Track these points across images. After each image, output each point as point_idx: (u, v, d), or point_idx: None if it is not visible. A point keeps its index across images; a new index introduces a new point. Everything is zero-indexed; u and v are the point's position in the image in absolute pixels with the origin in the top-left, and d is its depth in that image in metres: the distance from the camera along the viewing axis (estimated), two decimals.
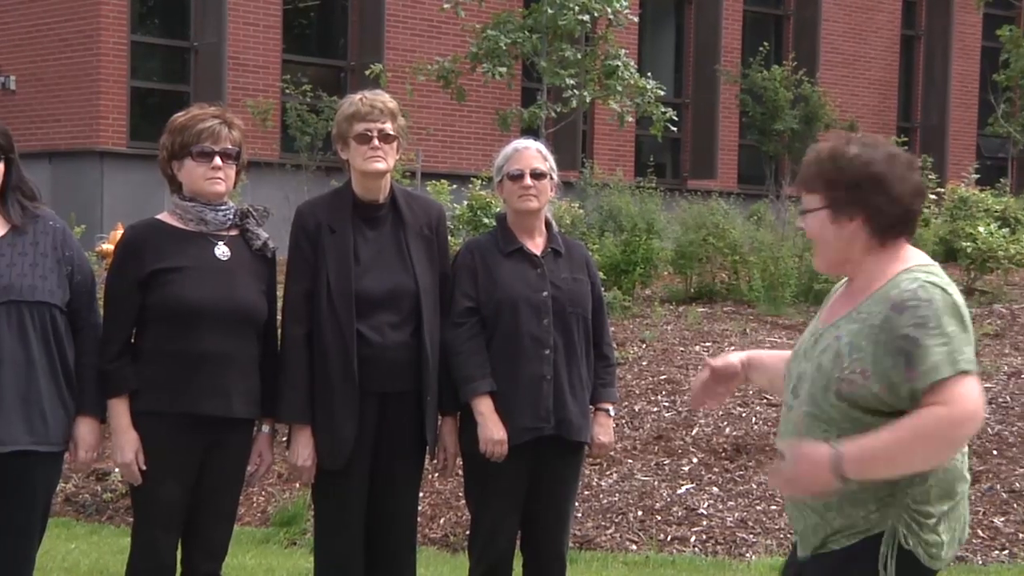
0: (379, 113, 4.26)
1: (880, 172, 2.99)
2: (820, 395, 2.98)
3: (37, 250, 3.88)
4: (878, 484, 2.92)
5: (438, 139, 15.81)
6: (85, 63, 14.45)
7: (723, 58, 18.47)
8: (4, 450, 3.73)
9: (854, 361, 2.93)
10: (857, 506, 2.95)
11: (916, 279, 2.94)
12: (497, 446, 4.34)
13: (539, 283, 4.45)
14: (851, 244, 3.02)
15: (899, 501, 2.93)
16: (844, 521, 2.97)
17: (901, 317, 2.89)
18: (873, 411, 2.92)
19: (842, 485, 2.88)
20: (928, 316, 2.88)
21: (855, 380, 2.92)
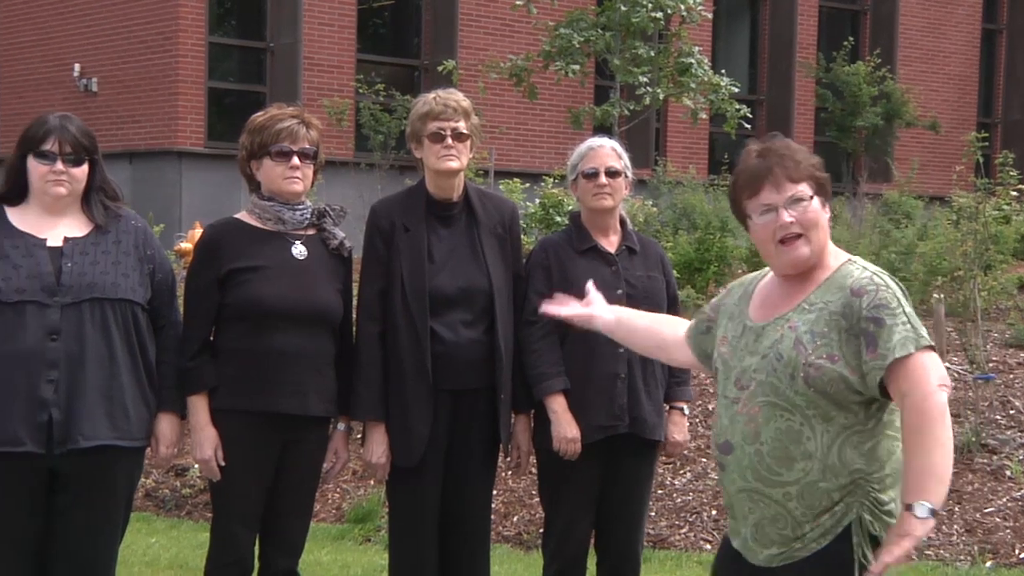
0: (453, 112, 4.28)
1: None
2: (785, 383, 3.03)
3: (119, 249, 3.94)
4: (839, 472, 2.99)
5: (511, 137, 15.83)
6: (164, 65, 14.66)
7: (798, 54, 18.30)
8: (87, 445, 3.79)
9: (819, 347, 3.01)
10: (817, 495, 3.01)
11: (864, 269, 3.09)
12: (571, 444, 4.34)
13: (613, 281, 4.45)
14: (825, 230, 3.13)
15: (860, 488, 3.01)
16: (807, 510, 3.02)
17: (861, 302, 3.00)
18: (837, 402, 3.00)
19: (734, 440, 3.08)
20: (887, 298, 3.00)
21: (823, 365, 3.00)
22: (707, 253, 10.71)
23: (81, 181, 3.92)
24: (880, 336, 2.97)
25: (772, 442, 3.04)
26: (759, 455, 3.06)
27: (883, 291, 3.01)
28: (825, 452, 3.01)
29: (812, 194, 3.11)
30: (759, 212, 3.12)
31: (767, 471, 3.05)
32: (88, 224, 3.95)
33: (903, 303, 3.02)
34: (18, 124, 14.50)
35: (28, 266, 3.82)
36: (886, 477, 3.02)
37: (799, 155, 3.14)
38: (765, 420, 3.05)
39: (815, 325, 3.04)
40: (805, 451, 3.02)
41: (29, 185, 3.92)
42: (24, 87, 16.29)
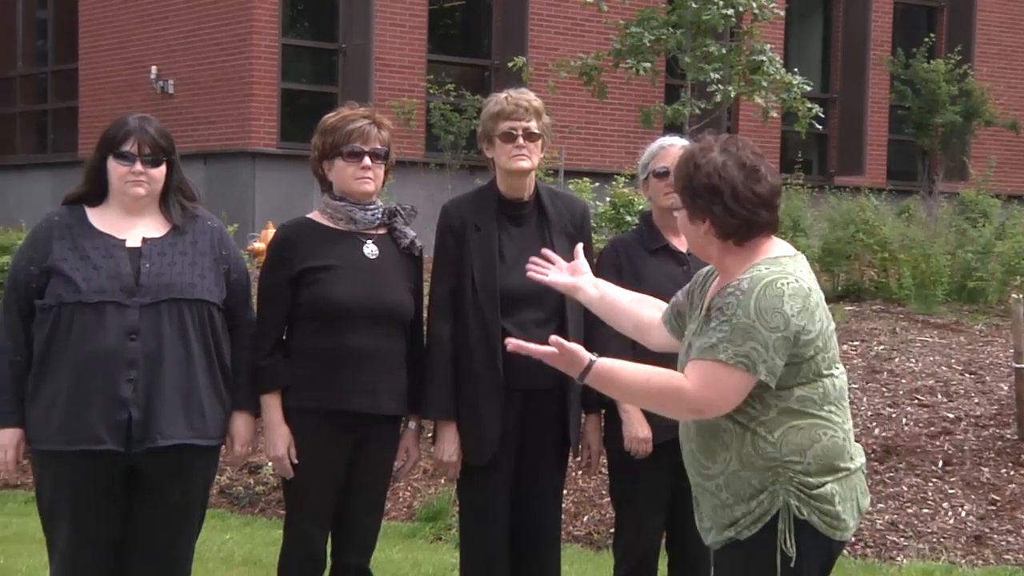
0: (524, 111, 4.29)
1: (716, 185, 3.13)
2: None
3: (196, 249, 4.00)
4: (755, 461, 3.08)
5: (581, 137, 15.81)
6: (238, 67, 14.83)
7: (872, 51, 18.08)
8: (165, 444, 3.84)
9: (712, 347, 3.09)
10: (741, 484, 3.10)
11: (752, 273, 3.10)
12: (642, 444, 4.33)
13: (685, 281, 4.38)
14: (707, 244, 3.21)
15: (782, 475, 3.09)
16: (736, 497, 3.12)
17: (722, 296, 3.10)
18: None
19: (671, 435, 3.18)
20: (730, 304, 3.05)
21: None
22: None
23: (159, 182, 3.98)
24: (704, 330, 3.09)
25: (697, 438, 3.19)
26: (691, 453, 3.23)
27: (735, 297, 3.06)
28: (740, 444, 3.11)
29: (681, 206, 3.23)
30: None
31: (699, 466, 3.20)
32: (166, 224, 4.01)
33: (740, 313, 3.03)
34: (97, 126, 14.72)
35: (108, 267, 3.88)
36: (809, 465, 3.09)
37: (681, 167, 3.22)
38: (693, 421, 3.20)
39: (706, 321, 3.16)
40: (724, 443, 3.13)
41: (109, 186, 3.98)
42: (103, 90, 16.56)
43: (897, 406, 7.71)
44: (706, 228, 3.19)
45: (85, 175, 4.03)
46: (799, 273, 3.13)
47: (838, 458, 3.13)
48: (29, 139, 18.64)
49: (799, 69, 13.38)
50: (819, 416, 3.13)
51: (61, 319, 3.85)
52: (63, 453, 3.84)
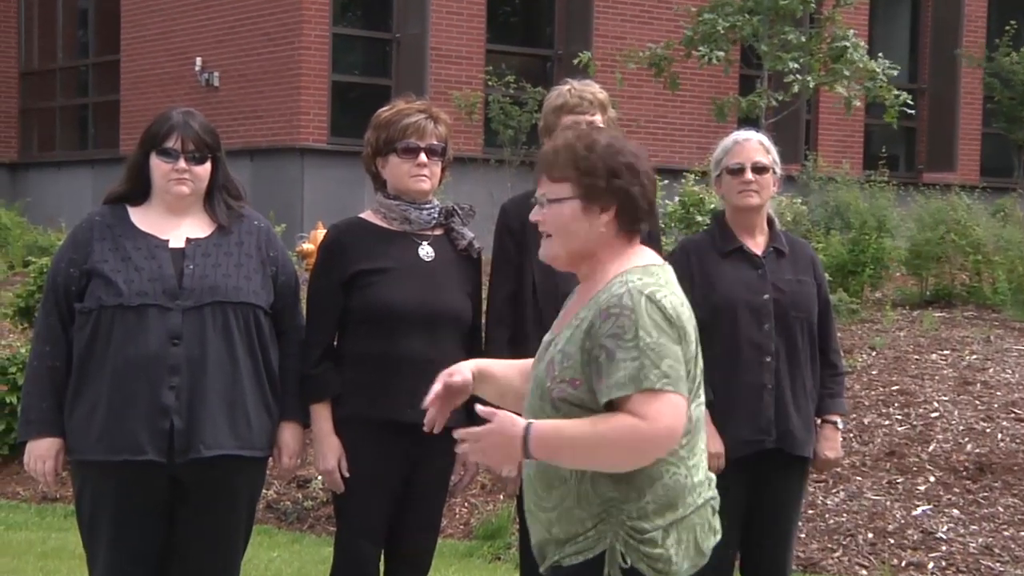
0: (588, 105, 4.29)
1: (633, 162, 3.08)
2: (537, 405, 3.05)
3: (242, 250, 4.03)
4: (591, 499, 2.98)
5: (649, 131, 15.77)
6: (286, 57, 14.95)
7: (964, 39, 17.87)
8: (209, 454, 3.88)
9: (564, 369, 2.99)
10: (573, 522, 3.01)
11: (626, 283, 2.98)
12: (714, 460, 4.30)
13: (760, 285, 4.41)
14: (599, 237, 3.05)
15: (614, 517, 2.99)
16: (565, 535, 3.03)
17: (603, 325, 2.94)
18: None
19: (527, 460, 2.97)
20: (625, 326, 2.92)
21: (565, 389, 2.99)
22: (862, 255, 10.56)
23: (204, 180, 4.02)
24: (605, 369, 2.92)
25: (536, 466, 3.07)
26: (529, 479, 3.13)
27: (626, 316, 2.92)
28: (578, 479, 3.00)
29: (571, 196, 3.05)
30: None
31: (535, 495, 3.11)
32: (210, 224, 4.05)
33: (642, 333, 2.91)
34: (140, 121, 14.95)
35: (150, 268, 3.93)
36: (647, 505, 2.98)
37: (572, 152, 3.06)
38: None
39: (568, 344, 3.03)
40: (560, 476, 3.03)
41: (151, 184, 4.03)
42: (146, 83, 16.76)
43: (991, 420, 7.62)
44: (609, 217, 3.04)
45: (127, 173, 4.08)
46: (673, 286, 3.06)
47: (679, 498, 3.02)
48: (69, 135, 18.92)
49: (884, 58, 13.24)
50: (676, 451, 3.02)
51: (101, 323, 3.90)
52: (103, 463, 3.89)
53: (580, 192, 3.06)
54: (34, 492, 7.96)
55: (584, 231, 3.07)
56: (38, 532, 7.26)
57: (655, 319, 2.95)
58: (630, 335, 2.92)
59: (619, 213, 3.07)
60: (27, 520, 7.54)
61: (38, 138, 19.14)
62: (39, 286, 8.12)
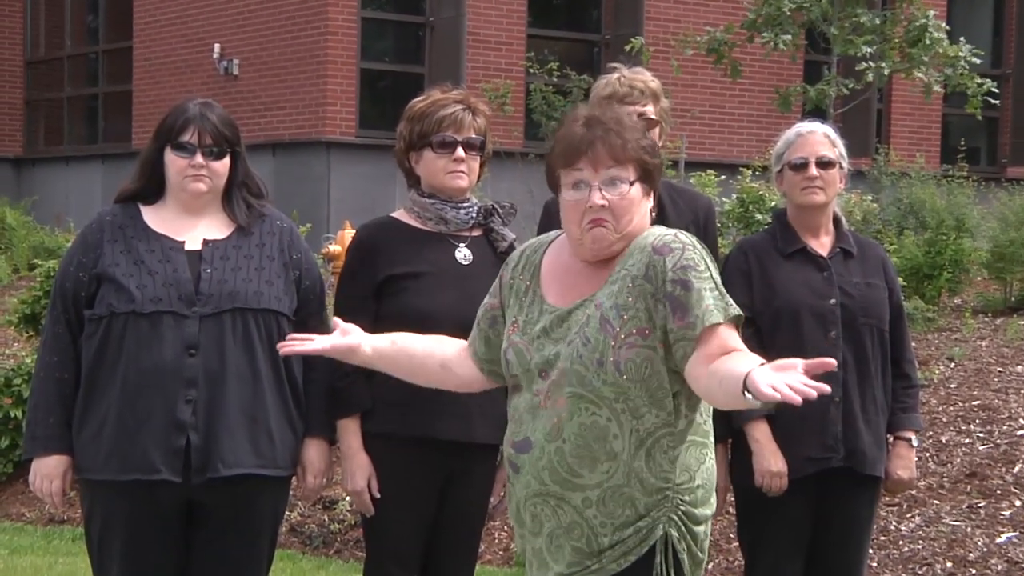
0: (639, 94, 4.30)
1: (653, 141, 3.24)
2: (592, 371, 3.06)
3: (263, 253, 4.05)
4: (646, 478, 3.00)
5: (704, 122, 15.75)
6: (312, 43, 15.01)
7: None
8: (229, 473, 3.90)
9: (628, 322, 3.02)
10: (622, 503, 3.02)
11: (667, 231, 3.14)
12: (776, 479, 4.30)
13: (826, 289, 4.40)
14: (639, 224, 3.17)
15: (670, 501, 3.02)
16: (608, 518, 3.02)
17: (666, 260, 3.05)
18: (651, 393, 3.03)
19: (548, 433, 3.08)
20: (695, 259, 3.06)
21: (635, 344, 3.04)
22: (939, 257, 10.50)
23: (222, 176, 4.04)
24: (688, 301, 3.00)
25: (575, 439, 3.08)
26: (560, 453, 3.10)
27: (690, 250, 3.07)
28: (632, 453, 3.04)
29: (634, 179, 3.15)
30: (571, 187, 3.16)
31: (568, 472, 3.09)
32: (229, 225, 4.07)
33: (711, 267, 3.08)
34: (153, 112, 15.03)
35: (164, 272, 3.96)
36: (697, 488, 3.08)
37: (628, 133, 3.16)
38: (569, 414, 3.09)
39: (618, 297, 3.07)
40: (610, 450, 3.05)
41: (166, 181, 4.06)
42: (161, 71, 16.88)
43: None
44: (652, 200, 3.21)
45: (139, 169, 4.11)
46: None
47: (713, 486, 3.14)
48: (77, 127, 19.08)
49: (966, 42, 13.15)
50: (707, 431, 3.16)
51: (112, 331, 3.93)
52: (114, 483, 3.92)
53: (640, 174, 3.16)
54: (40, 514, 8.03)
55: (641, 215, 3.17)
56: (44, 557, 7.32)
57: (709, 256, 3.12)
58: (702, 266, 3.05)
59: (655, 193, 3.21)
60: (33, 544, 7.60)
61: (44, 131, 19.32)
62: (46, 291, 8.20)
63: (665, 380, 3.05)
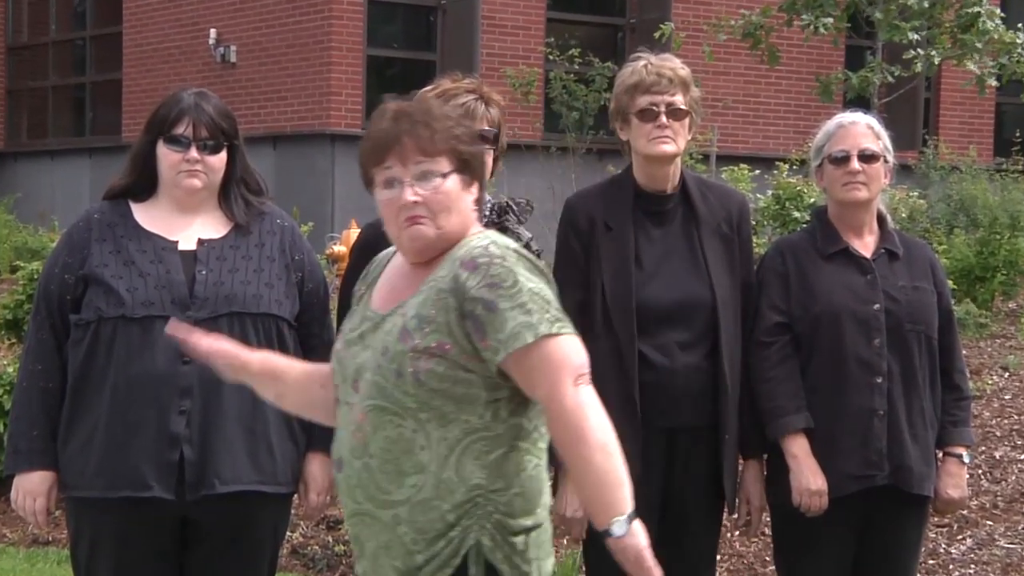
0: (668, 83, 4.30)
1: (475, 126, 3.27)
2: (391, 382, 3.10)
3: (263, 253, 4.07)
4: (455, 488, 3.06)
5: (737, 112, 15.75)
6: (315, 28, 15.05)
7: None
8: (225, 490, 3.90)
9: (428, 335, 3.05)
10: (431, 516, 3.05)
11: (486, 237, 3.15)
12: (815, 498, 4.30)
13: (869, 293, 4.40)
14: (471, 215, 3.21)
15: (481, 509, 3.07)
16: (418, 534, 3.06)
17: (471, 276, 3.06)
18: (458, 400, 3.05)
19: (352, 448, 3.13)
20: (501, 274, 3.05)
21: (435, 354, 3.07)
22: (992, 257, 10.48)
23: (218, 171, 4.06)
24: (489, 323, 3.02)
25: (381, 454, 3.12)
26: (367, 470, 3.14)
27: (498, 265, 3.06)
28: (441, 463, 3.06)
29: (450, 171, 3.17)
30: (384, 185, 3.19)
31: (376, 489, 3.13)
32: (226, 223, 4.09)
33: (525, 280, 3.05)
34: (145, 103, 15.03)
35: (156, 274, 3.97)
36: (515, 497, 3.09)
37: (439, 123, 3.17)
38: (373, 428, 3.13)
39: (422, 307, 3.10)
40: (418, 463, 3.08)
41: (158, 176, 4.08)
42: (153, 58, 16.94)
43: None
44: (476, 191, 3.23)
45: (130, 163, 4.13)
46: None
47: (537, 498, 3.13)
48: (63, 119, 19.15)
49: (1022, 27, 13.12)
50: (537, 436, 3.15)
51: (101, 337, 3.95)
52: (102, 501, 3.93)
53: (458, 165, 3.19)
54: (23, 534, 8.05)
55: (464, 207, 3.20)
56: None
57: (528, 265, 3.10)
58: (509, 281, 3.05)
59: (481, 187, 3.24)
60: (15, 567, 7.62)
61: (28, 123, 19.40)
62: (29, 295, 8.22)
63: (476, 386, 3.08)
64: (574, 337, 3.09)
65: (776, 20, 12.78)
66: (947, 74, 15.79)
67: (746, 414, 4.36)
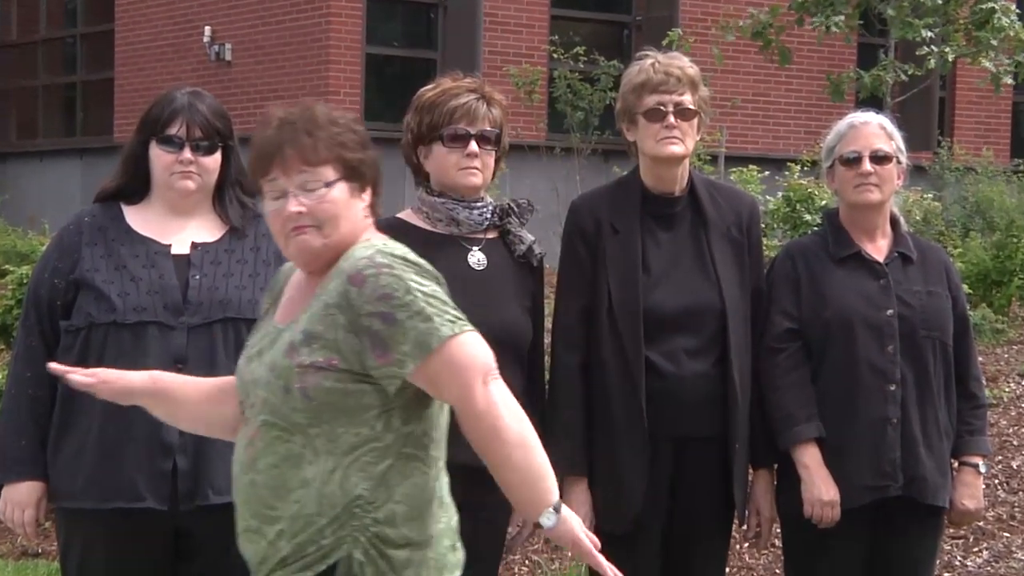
0: (676, 82, 4.30)
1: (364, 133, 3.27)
2: (279, 398, 3.10)
3: (258, 257, 4.08)
4: (335, 500, 3.06)
5: (747, 112, 15.74)
6: (312, 26, 15.06)
7: None
8: (220, 501, 3.88)
9: (315, 350, 3.07)
10: (308, 530, 3.05)
11: (371, 246, 3.13)
12: (827, 509, 4.30)
13: (882, 298, 4.40)
14: (362, 224, 3.21)
15: (358, 520, 3.07)
16: (295, 548, 3.05)
17: (361, 290, 3.05)
18: (348, 414, 3.05)
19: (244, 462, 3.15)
20: (392, 285, 3.05)
21: (322, 369, 3.07)
22: (1009, 261, 10.47)
23: (213, 173, 4.06)
24: (390, 337, 3.02)
25: (268, 470, 3.13)
26: (254, 486, 3.16)
27: (386, 275, 3.05)
28: (326, 478, 3.07)
29: (336, 179, 3.17)
30: (271, 196, 3.20)
31: (263, 505, 3.14)
32: (221, 226, 4.09)
33: (417, 286, 3.06)
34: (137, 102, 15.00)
35: (149, 279, 3.97)
36: (396, 507, 3.09)
37: (322, 130, 3.19)
38: (264, 444, 3.14)
39: (310, 322, 3.10)
40: (303, 479, 3.08)
41: (151, 178, 4.08)
42: (145, 56, 16.94)
43: None
44: (368, 198, 3.23)
45: (122, 165, 4.13)
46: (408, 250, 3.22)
47: (425, 509, 3.13)
48: (53, 119, 19.16)
49: None
50: (428, 443, 3.15)
51: (92, 344, 3.95)
52: (93, 512, 3.93)
53: (345, 172, 3.19)
54: (12, 546, 8.05)
55: (354, 216, 3.20)
56: None
57: (417, 270, 3.10)
58: (401, 291, 3.05)
59: (374, 188, 3.24)
60: None
61: (17, 123, 19.40)
62: (18, 300, 8.22)
63: (369, 396, 3.08)
64: (475, 334, 3.10)
65: (785, 19, 12.78)
66: (962, 72, 15.79)
67: (756, 423, 4.36)
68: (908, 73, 12.58)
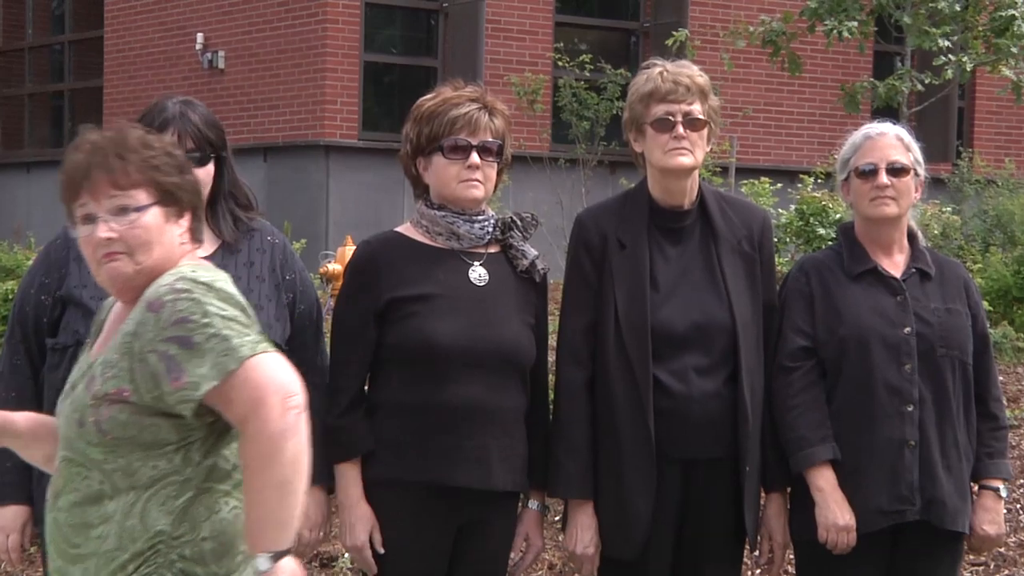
0: (685, 91, 4.30)
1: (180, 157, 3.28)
2: (75, 434, 3.12)
3: (252, 272, 4.07)
4: (137, 536, 3.06)
5: (758, 123, 15.76)
6: (308, 32, 15.08)
7: None
8: None
9: (109, 380, 3.05)
10: (108, 560, 3.06)
11: (177, 273, 3.13)
12: (842, 534, 4.29)
13: (899, 315, 4.40)
14: (179, 249, 3.22)
15: (163, 556, 3.07)
16: None
17: (158, 316, 3.05)
18: (145, 448, 3.06)
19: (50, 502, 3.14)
20: (190, 309, 3.05)
21: (116, 400, 3.06)
22: None
23: (205, 185, 4.05)
24: (186, 360, 3.02)
25: (70, 508, 3.13)
26: (57, 525, 3.16)
27: (184, 300, 3.06)
28: (127, 511, 3.08)
29: (149, 203, 3.17)
30: (81, 221, 3.19)
31: (66, 543, 3.13)
32: (213, 241, 4.08)
33: (217, 311, 3.05)
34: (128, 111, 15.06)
35: None
36: (203, 543, 3.08)
37: (133, 154, 3.17)
38: (64, 481, 3.15)
39: (108, 352, 3.11)
40: (104, 514, 3.09)
41: None
42: (136, 64, 16.97)
43: None
44: (185, 221, 3.23)
45: None
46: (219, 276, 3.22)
47: (236, 541, 3.10)
48: (41, 129, 19.19)
49: None
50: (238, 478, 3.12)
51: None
52: None
53: (160, 196, 3.19)
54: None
55: (168, 242, 3.20)
56: None
57: (221, 295, 3.09)
58: (198, 315, 3.05)
59: (193, 214, 3.25)
60: None
61: (2, 133, 19.43)
62: (3, 316, 8.23)
63: (165, 430, 3.08)
64: (279, 356, 3.09)
65: (797, 26, 12.79)
66: (981, 81, 15.80)
67: (768, 444, 4.35)
68: (925, 82, 12.59)
